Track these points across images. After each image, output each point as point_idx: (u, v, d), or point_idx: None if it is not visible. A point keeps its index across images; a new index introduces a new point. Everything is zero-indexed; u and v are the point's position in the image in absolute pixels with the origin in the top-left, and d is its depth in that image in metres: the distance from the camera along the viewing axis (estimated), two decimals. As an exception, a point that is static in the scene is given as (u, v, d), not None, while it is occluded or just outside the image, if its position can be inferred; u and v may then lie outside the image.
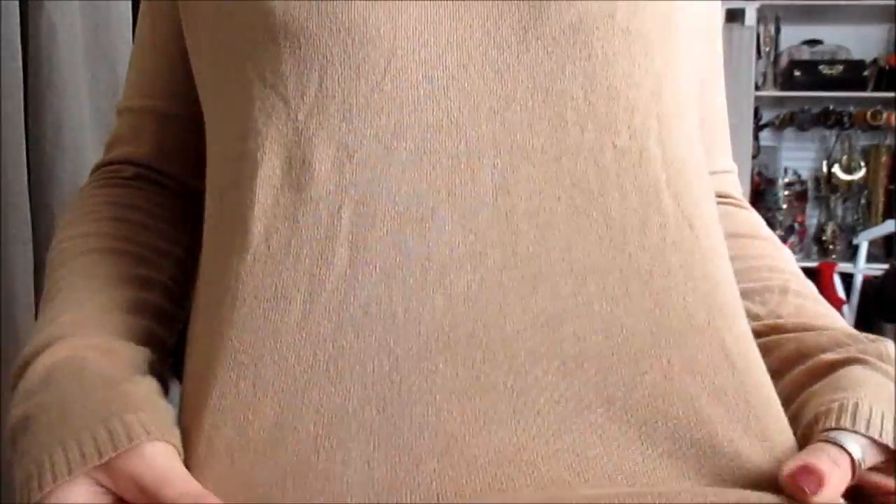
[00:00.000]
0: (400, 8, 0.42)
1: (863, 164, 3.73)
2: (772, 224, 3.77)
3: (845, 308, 3.52)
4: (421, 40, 0.43)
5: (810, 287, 0.57)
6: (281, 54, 0.42)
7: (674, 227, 0.43)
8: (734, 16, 3.62)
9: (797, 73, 3.65)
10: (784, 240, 3.80)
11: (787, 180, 3.83)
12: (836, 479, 0.39)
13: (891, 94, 3.55)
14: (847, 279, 3.55)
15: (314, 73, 0.42)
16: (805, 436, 0.44)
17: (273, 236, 0.42)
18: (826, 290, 3.53)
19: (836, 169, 3.75)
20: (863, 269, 3.51)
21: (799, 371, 0.49)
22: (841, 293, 3.50)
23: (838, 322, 0.53)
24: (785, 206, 3.79)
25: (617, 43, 0.44)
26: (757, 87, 3.65)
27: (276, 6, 0.42)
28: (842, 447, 0.40)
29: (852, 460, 0.40)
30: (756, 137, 3.72)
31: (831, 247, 3.78)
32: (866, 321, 3.57)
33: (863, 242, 3.53)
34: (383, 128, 0.42)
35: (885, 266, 3.44)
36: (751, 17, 3.58)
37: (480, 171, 0.42)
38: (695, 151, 0.47)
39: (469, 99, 0.42)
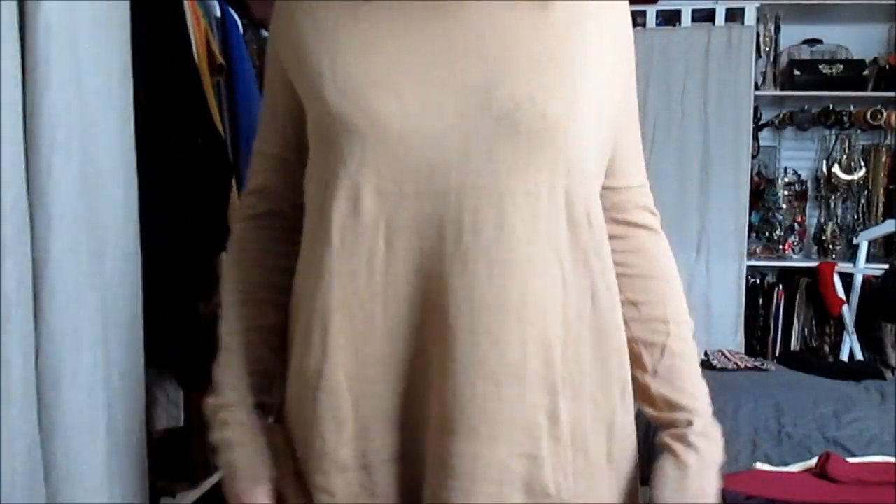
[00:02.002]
0: (406, 98, 0.71)
1: (863, 163, 3.73)
2: (772, 224, 3.78)
3: (845, 308, 3.51)
4: (419, 121, 0.71)
5: (683, 343, 0.84)
6: (339, 136, 0.73)
7: (579, 275, 0.75)
8: (734, 16, 3.63)
9: (797, 73, 3.65)
10: (784, 240, 3.80)
11: (786, 180, 3.82)
12: None
13: (891, 94, 3.54)
14: (847, 279, 3.55)
15: (358, 147, 0.72)
16: None
17: (345, 241, 0.73)
18: (826, 290, 3.52)
19: (835, 169, 3.75)
20: (863, 269, 3.51)
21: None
22: (841, 293, 3.50)
23: (697, 395, 0.83)
24: (785, 206, 3.78)
25: (538, 125, 0.71)
26: (757, 87, 3.65)
27: (336, 113, 0.72)
28: None
29: None
30: (756, 137, 3.72)
31: (831, 247, 3.78)
32: (866, 321, 3.57)
33: (863, 242, 3.52)
34: (397, 177, 0.72)
35: (885, 266, 3.43)
36: (751, 16, 3.58)
37: (453, 199, 0.71)
38: (585, 185, 0.76)
39: (446, 156, 0.71)
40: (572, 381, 0.74)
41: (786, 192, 3.80)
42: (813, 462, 1.84)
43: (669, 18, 3.70)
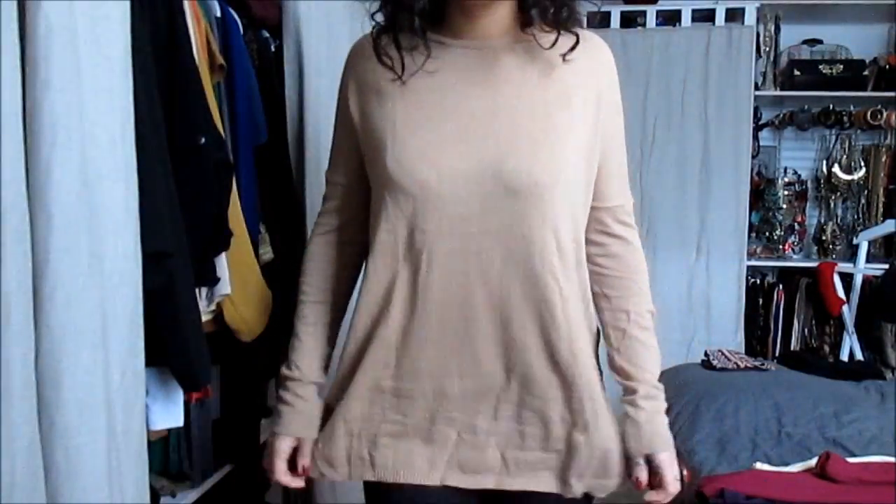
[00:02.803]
0: (442, 169, 1.02)
1: (863, 163, 3.73)
2: (772, 224, 3.78)
3: (845, 308, 3.51)
4: (451, 185, 1.02)
5: (640, 329, 1.12)
6: (397, 194, 1.04)
7: (553, 294, 1.05)
8: (734, 16, 3.63)
9: (797, 73, 3.65)
10: (784, 240, 3.80)
11: (786, 180, 3.83)
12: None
13: (891, 94, 3.55)
14: (847, 279, 3.55)
15: (410, 200, 1.03)
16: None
17: (406, 261, 1.06)
18: (826, 290, 3.52)
19: (835, 169, 3.75)
20: (863, 269, 3.51)
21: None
22: (841, 293, 3.50)
23: (647, 368, 1.12)
24: (785, 206, 3.79)
25: (533, 189, 1.01)
26: (757, 87, 3.65)
27: (392, 176, 1.03)
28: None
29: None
30: (756, 137, 3.72)
31: (831, 247, 3.78)
32: (866, 321, 3.57)
33: (863, 242, 3.52)
34: (436, 222, 1.03)
35: (885, 266, 3.43)
36: (751, 16, 3.59)
37: (474, 241, 1.03)
38: (570, 222, 1.06)
39: (469, 210, 1.02)
40: (562, 326, 1.06)
41: (786, 192, 3.81)
42: (813, 462, 1.84)
43: (669, 18, 3.70)
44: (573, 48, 1.02)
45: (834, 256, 3.75)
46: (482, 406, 1.08)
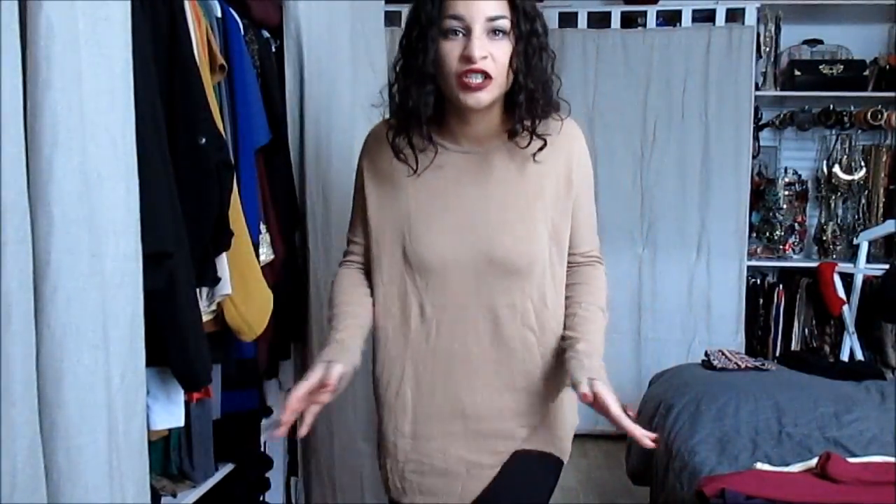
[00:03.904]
0: (446, 257, 1.31)
1: (863, 163, 3.73)
2: (772, 224, 3.78)
3: (845, 308, 3.51)
4: (453, 270, 1.31)
5: (588, 313, 1.35)
6: (414, 274, 1.34)
7: (532, 344, 1.35)
8: (734, 16, 3.63)
9: (797, 73, 3.65)
10: (784, 240, 3.80)
11: (787, 180, 3.82)
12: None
13: (891, 94, 3.55)
14: (847, 279, 3.55)
15: (423, 277, 1.33)
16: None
17: (419, 328, 1.35)
18: (826, 290, 3.52)
19: (836, 169, 3.75)
20: (863, 269, 3.51)
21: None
22: (841, 293, 3.50)
23: (588, 335, 1.32)
24: (785, 206, 3.78)
25: (517, 269, 1.31)
26: (757, 87, 3.65)
27: (411, 262, 1.33)
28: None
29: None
30: (756, 137, 3.72)
31: (831, 247, 3.78)
32: (867, 321, 3.57)
33: (863, 242, 3.52)
34: (441, 298, 1.33)
35: (886, 266, 3.43)
36: (751, 16, 3.58)
37: (470, 311, 1.33)
38: (548, 304, 1.35)
39: (467, 288, 1.32)
40: (529, 368, 1.35)
41: (786, 193, 3.81)
42: (813, 462, 1.84)
43: (670, 18, 3.70)
44: (541, 149, 1.29)
45: (834, 256, 3.75)
46: (485, 444, 1.34)
